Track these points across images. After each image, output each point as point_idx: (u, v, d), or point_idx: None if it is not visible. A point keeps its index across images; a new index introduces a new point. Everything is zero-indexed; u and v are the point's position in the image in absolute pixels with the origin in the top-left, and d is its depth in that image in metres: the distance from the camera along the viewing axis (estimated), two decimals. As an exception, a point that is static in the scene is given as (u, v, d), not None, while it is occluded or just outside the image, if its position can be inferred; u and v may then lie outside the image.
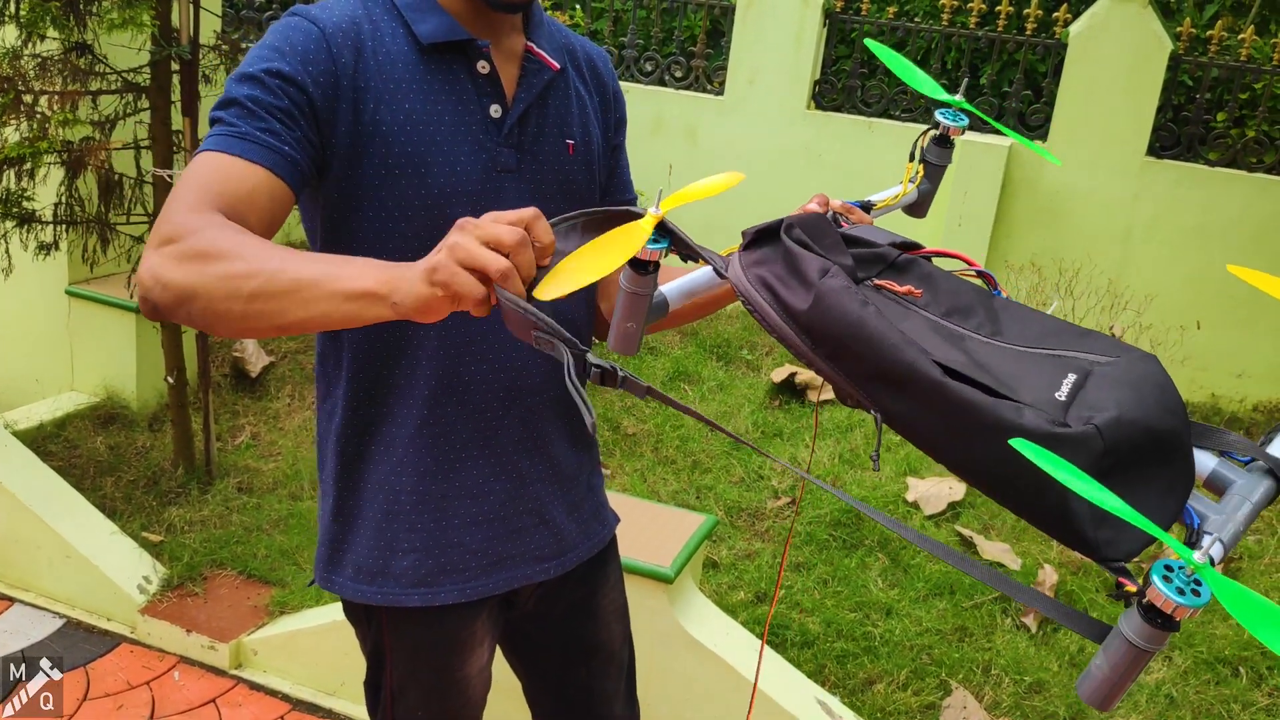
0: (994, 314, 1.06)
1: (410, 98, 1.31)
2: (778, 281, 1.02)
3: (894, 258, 1.11)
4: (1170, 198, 4.57)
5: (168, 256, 1.08)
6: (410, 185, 1.31)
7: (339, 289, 1.02)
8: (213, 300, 1.06)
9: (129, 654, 2.96)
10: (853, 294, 0.98)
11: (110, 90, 3.33)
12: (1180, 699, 2.93)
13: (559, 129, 1.44)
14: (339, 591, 1.49)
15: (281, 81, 1.23)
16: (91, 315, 3.97)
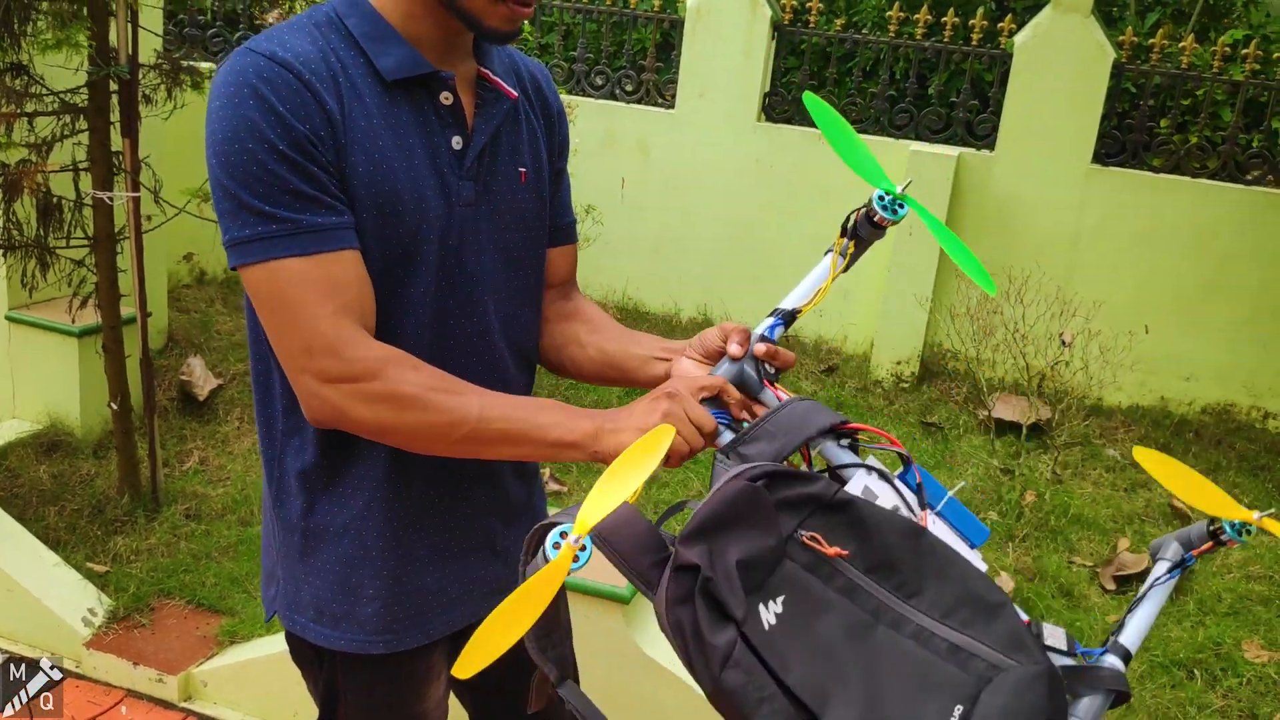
0: (919, 565, 1.07)
1: (383, 135, 1.25)
2: (692, 638, 0.99)
3: (829, 496, 1.08)
4: (1116, 204, 4.62)
5: (352, 395, 1.20)
6: (389, 225, 1.26)
7: (545, 438, 1.21)
8: (415, 438, 1.24)
9: (74, 689, 2.88)
10: (744, 696, 0.96)
11: (47, 112, 3.26)
12: (1137, 703, 2.94)
13: (512, 158, 1.39)
14: (300, 633, 1.44)
15: (299, 150, 1.18)
16: (32, 341, 3.88)
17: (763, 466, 1.06)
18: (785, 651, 0.98)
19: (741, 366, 1.29)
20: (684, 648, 0.98)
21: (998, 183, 4.73)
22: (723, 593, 0.98)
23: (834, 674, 1.00)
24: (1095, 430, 4.54)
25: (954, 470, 4.10)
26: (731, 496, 1.02)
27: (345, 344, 1.19)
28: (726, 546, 1.00)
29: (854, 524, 1.07)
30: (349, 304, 1.20)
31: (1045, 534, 3.74)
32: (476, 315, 1.36)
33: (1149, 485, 4.16)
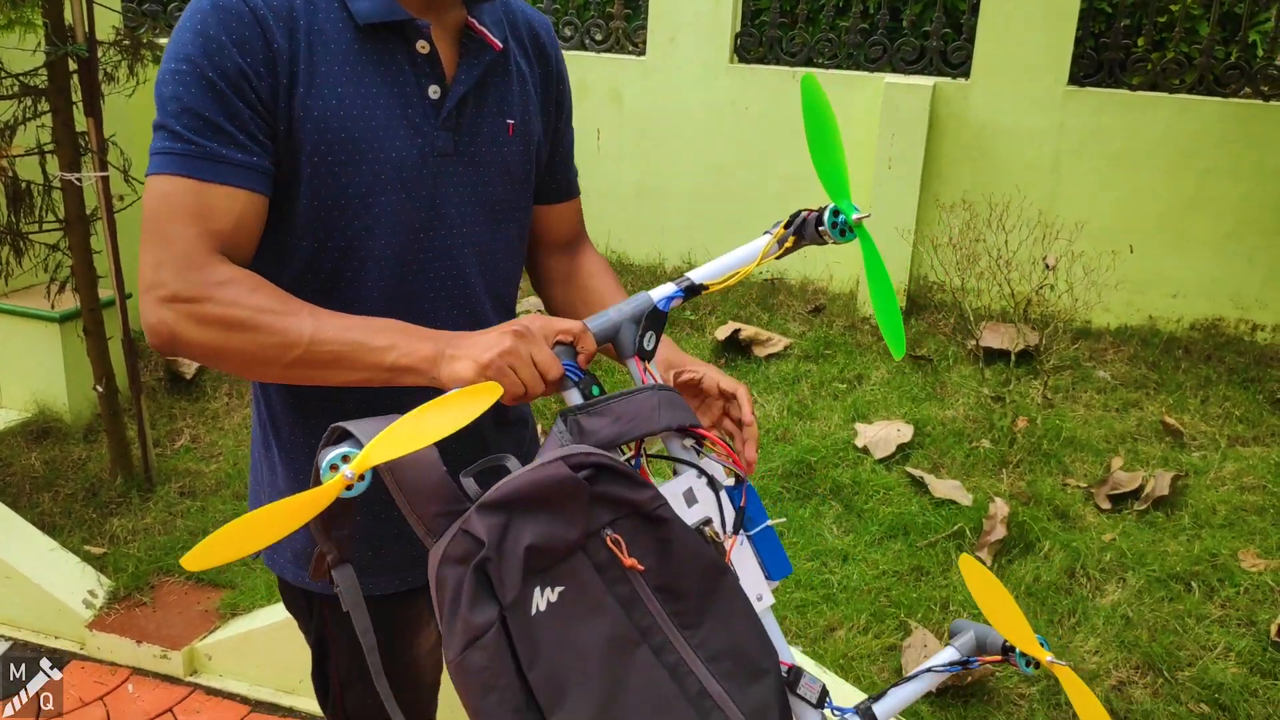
0: (706, 602, 1.08)
1: (343, 81, 1.24)
2: (449, 603, 0.99)
3: (649, 509, 1.07)
4: (1095, 125, 4.59)
5: (185, 316, 1.15)
6: (343, 171, 1.25)
7: (381, 362, 1.14)
8: (246, 363, 1.17)
9: (80, 670, 2.90)
10: (479, 680, 0.97)
11: (7, 95, 3.22)
12: (1136, 618, 2.97)
13: (499, 109, 1.37)
14: (279, 572, 1.49)
15: (228, 80, 1.18)
16: (13, 329, 3.86)
17: (596, 456, 1.05)
18: (540, 642, 0.99)
19: (622, 324, 1.22)
20: (440, 607, 0.99)
21: (975, 110, 4.69)
22: (498, 574, 0.98)
23: (579, 679, 1.00)
24: (1085, 353, 4.54)
25: (944, 401, 4.11)
26: (548, 481, 1.01)
27: (191, 265, 1.16)
28: (524, 526, 1.00)
29: (662, 541, 1.07)
30: (217, 233, 1.18)
31: (1038, 458, 3.75)
32: (453, 264, 1.35)
33: (1140, 404, 4.17)
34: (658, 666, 1.04)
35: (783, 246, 1.29)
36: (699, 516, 1.16)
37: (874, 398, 4.16)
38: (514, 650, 0.98)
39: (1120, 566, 3.19)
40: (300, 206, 1.26)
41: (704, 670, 1.06)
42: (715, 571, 1.09)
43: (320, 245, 1.29)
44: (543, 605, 1.00)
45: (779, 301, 4.97)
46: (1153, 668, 2.80)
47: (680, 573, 1.07)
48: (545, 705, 0.97)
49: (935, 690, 2.65)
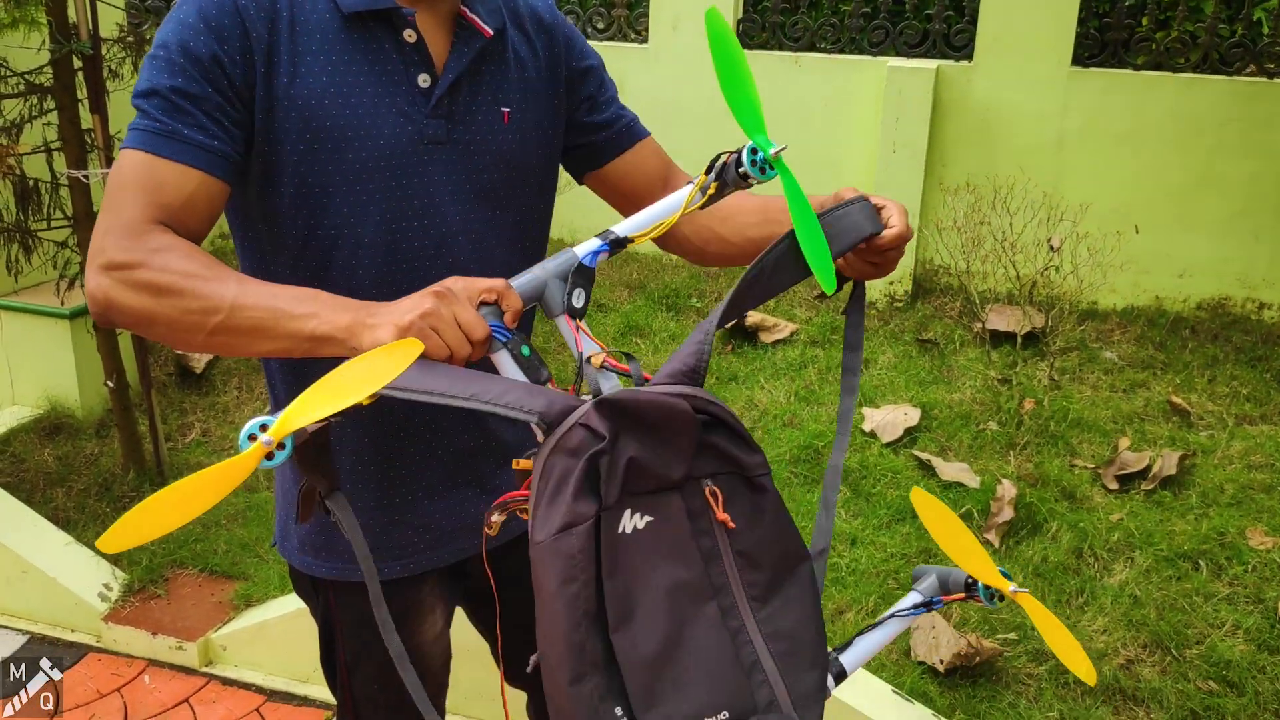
0: (782, 581, 1.08)
1: (328, 69, 1.26)
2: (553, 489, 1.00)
3: (755, 474, 1.08)
4: (1099, 105, 4.58)
5: (119, 282, 1.15)
6: (330, 159, 1.27)
7: (300, 329, 1.12)
8: (173, 330, 1.16)
9: (97, 662, 2.93)
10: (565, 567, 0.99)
11: (13, 94, 3.24)
12: (1144, 597, 2.98)
13: (493, 97, 1.38)
14: (288, 559, 1.52)
15: (198, 66, 1.20)
16: (24, 326, 3.89)
17: (719, 408, 1.06)
18: (620, 561, 1.00)
19: (548, 281, 1.20)
20: (539, 493, 1.00)
21: (978, 92, 4.69)
22: (608, 472, 0.99)
23: (648, 610, 1.01)
24: (1091, 334, 4.54)
25: (951, 384, 4.11)
26: (669, 409, 1.02)
27: (131, 233, 1.17)
28: (632, 440, 1.01)
29: (756, 509, 1.07)
30: (165, 206, 1.19)
31: (1045, 439, 3.76)
32: (447, 252, 1.36)
33: (1148, 385, 4.17)
34: (721, 627, 1.05)
35: (706, 194, 1.26)
36: None
37: (881, 382, 4.17)
38: (598, 556, 0.99)
39: (1128, 546, 3.20)
40: (285, 193, 1.28)
41: (762, 644, 1.06)
42: (797, 555, 1.10)
43: (309, 232, 1.30)
44: (629, 529, 1.01)
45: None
46: (1160, 646, 2.81)
47: (764, 544, 1.07)
48: (612, 621, 0.99)
49: (944, 671, 2.67)
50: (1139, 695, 2.67)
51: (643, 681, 0.99)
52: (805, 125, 4.97)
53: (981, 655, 2.68)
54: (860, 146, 4.87)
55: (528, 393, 1.03)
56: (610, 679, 0.99)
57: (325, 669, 1.58)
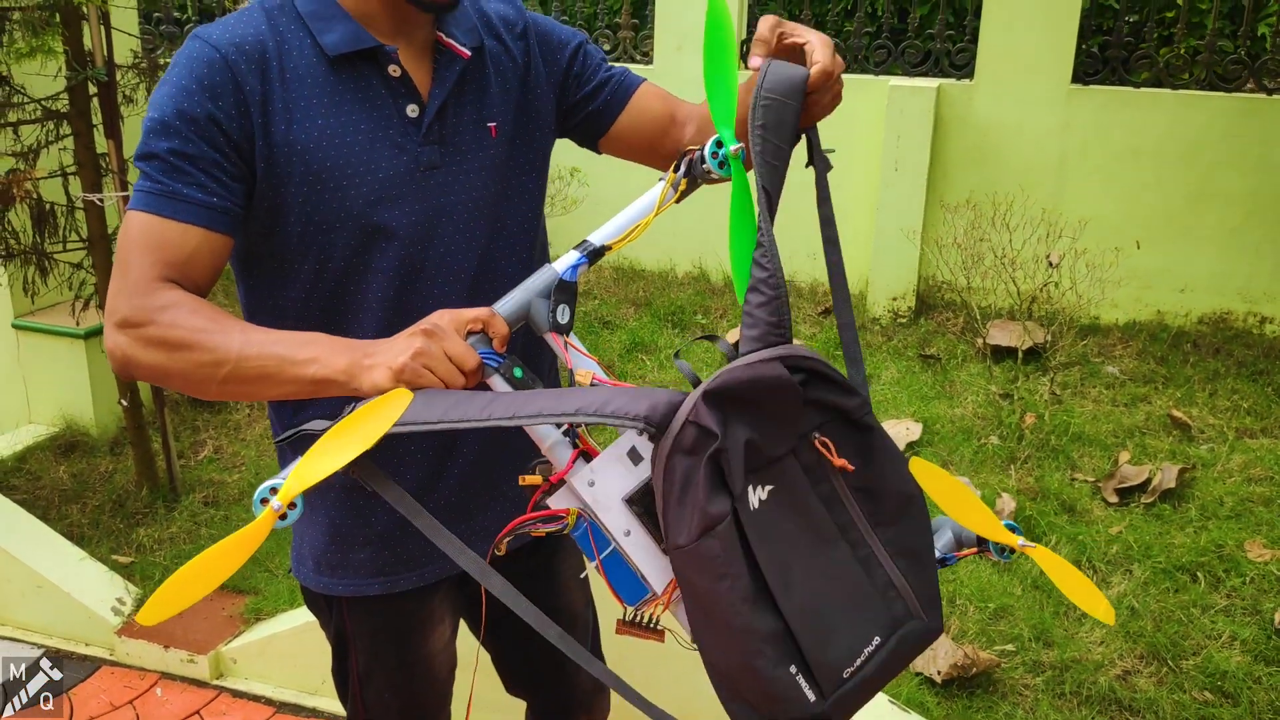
0: (899, 506, 1.15)
1: (322, 112, 1.31)
2: (680, 491, 1.03)
3: (858, 414, 1.13)
4: (1099, 122, 4.63)
5: (134, 340, 1.22)
6: (334, 197, 1.32)
7: (303, 375, 1.18)
8: (187, 382, 1.23)
9: (110, 675, 2.99)
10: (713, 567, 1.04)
11: (30, 120, 3.32)
12: (1142, 609, 3.01)
13: (478, 114, 1.43)
14: (303, 581, 1.56)
15: (194, 126, 1.25)
16: (41, 346, 3.97)
17: (811, 360, 1.10)
18: (762, 534, 1.05)
19: (532, 301, 1.23)
20: (666, 497, 1.03)
21: (979, 111, 4.74)
22: (729, 466, 1.03)
23: (795, 570, 1.07)
24: (1093, 349, 4.58)
25: (953, 399, 4.15)
26: (767, 381, 1.06)
27: (140, 292, 1.23)
28: (742, 421, 1.04)
29: (864, 448, 1.13)
30: (170, 264, 1.25)
31: (1046, 453, 3.79)
32: (454, 270, 1.41)
33: (1149, 399, 4.20)
34: (853, 561, 1.12)
35: (678, 190, 1.27)
36: (644, 477, 1.13)
37: (884, 397, 4.21)
38: (745, 540, 1.04)
39: (1126, 558, 3.23)
40: (293, 231, 1.33)
41: (890, 564, 1.14)
42: (912, 484, 1.16)
43: (321, 265, 1.36)
44: (755, 504, 1.06)
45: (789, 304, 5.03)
46: (1157, 657, 2.84)
47: (880, 476, 1.14)
48: (776, 589, 1.05)
49: (940, 682, 2.70)
50: (1135, 705, 2.70)
51: (811, 635, 1.07)
52: (808, 144, 5.03)
53: (978, 666, 2.72)
54: (863, 164, 4.93)
55: (630, 399, 1.05)
56: (777, 646, 1.05)
57: (337, 680, 1.63)
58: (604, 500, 1.12)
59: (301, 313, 1.38)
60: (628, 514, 1.12)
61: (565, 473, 1.13)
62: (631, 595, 1.15)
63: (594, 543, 1.14)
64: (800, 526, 1.09)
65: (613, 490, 1.12)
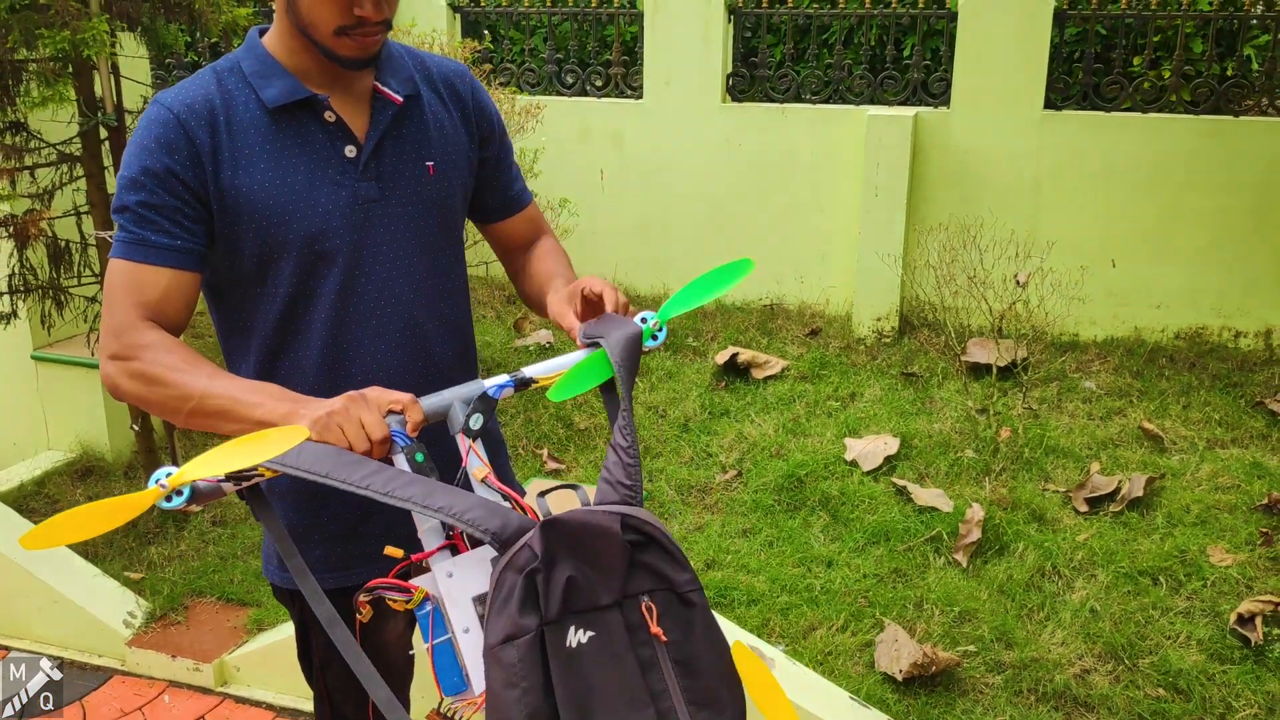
0: (719, 689, 1.22)
1: (264, 158, 1.50)
2: (501, 602, 1.16)
3: (684, 590, 1.22)
4: (1071, 146, 4.79)
5: (120, 371, 1.44)
6: (279, 230, 1.51)
7: (250, 415, 1.36)
8: (162, 410, 1.44)
9: (121, 684, 3.16)
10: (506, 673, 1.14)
11: (46, 163, 3.54)
12: (1103, 610, 3.14)
13: (416, 153, 1.60)
14: (269, 577, 1.73)
15: (156, 179, 1.46)
16: (58, 376, 4.18)
17: (653, 527, 1.21)
18: (572, 672, 1.16)
19: (454, 403, 1.39)
20: (491, 604, 1.17)
21: (955, 137, 4.91)
22: (544, 588, 1.16)
23: (594, 714, 1.16)
24: (1071, 365, 4.72)
25: (932, 415, 4.30)
26: (597, 529, 1.19)
27: (126, 330, 1.44)
28: (570, 559, 1.18)
29: (689, 622, 1.22)
30: (147, 303, 1.46)
31: (1020, 465, 3.93)
32: (391, 295, 1.59)
33: (1124, 412, 4.34)
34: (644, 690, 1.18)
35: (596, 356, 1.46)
36: None
37: (865, 414, 4.36)
38: (546, 664, 1.14)
39: (1091, 564, 3.36)
40: (249, 261, 1.53)
41: None
42: (731, 672, 1.25)
43: (273, 290, 1.55)
44: (574, 643, 1.16)
45: (778, 325, 5.19)
46: (1115, 656, 2.97)
47: (698, 654, 1.21)
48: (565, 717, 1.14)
49: (902, 680, 2.84)
50: (1090, 702, 2.82)
51: None
52: (792, 171, 5.22)
53: (938, 665, 2.85)
54: (844, 190, 5.10)
55: (488, 513, 1.20)
56: None
57: (302, 664, 1.79)
58: (456, 594, 1.26)
59: (261, 331, 1.57)
60: (472, 612, 1.25)
61: (425, 557, 1.30)
62: (451, 687, 1.26)
63: (433, 627, 1.27)
64: (611, 679, 1.16)
65: (468, 587, 1.26)
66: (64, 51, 3.25)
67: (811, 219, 5.25)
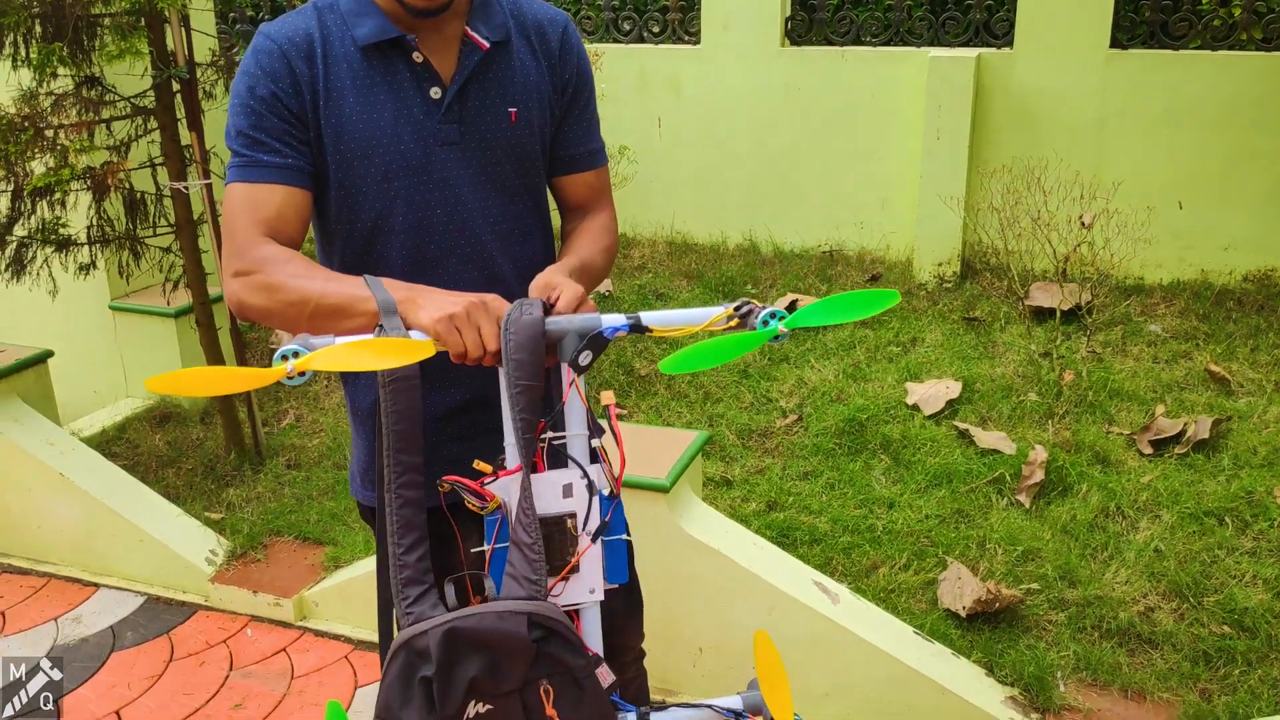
0: None
1: (354, 93, 1.57)
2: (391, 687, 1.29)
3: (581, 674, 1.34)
4: (1137, 86, 4.70)
5: (244, 286, 1.51)
6: (361, 166, 1.58)
7: (368, 309, 1.42)
8: (283, 319, 1.49)
9: (205, 619, 3.29)
10: None
11: (121, 116, 3.63)
12: (1167, 550, 3.14)
13: (500, 100, 1.64)
14: (354, 495, 1.84)
15: (263, 104, 1.55)
16: (135, 326, 4.31)
17: (556, 621, 1.30)
18: None
19: (570, 333, 1.37)
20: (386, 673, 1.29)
21: (1019, 78, 4.84)
22: (441, 694, 1.26)
23: None
24: (1136, 308, 4.67)
25: (994, 359, 4.29)
26: (506, 636, 1.27)
27: (248, 247, 1.52)
28: (474, 658, 1.27)
29: (579, 702, 1.33)
30: (264, 221, 1.53)
31: (1084, 409, 3.92)
32: (469, 234, 1.65)
33: (1189, 355, 4.29)
34: None
35: (727, 324, 1.41)
36: (566, 509, 1.38)
37: (927, 359, 4.36)
38: None
39: (1155, 505, 3.36)
40: (331, 194, 1.61)
41: None
42: None
43: (351, 223, 1.63)
44: (472, 713, 1.28)
45: (837, 272, 5.19)
46: (1179, 594, 2.98)
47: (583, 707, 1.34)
48: None
49: (965, 616, 2.88)
50: (1154, 638, 2.84)
51: None
52: (852, 116, 5.18)
53: (1001, 602, 2.88)
54: (905, 135, 5.06)
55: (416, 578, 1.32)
56: None
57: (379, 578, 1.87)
58: None
59: (342, 266, 1.65)
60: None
61: (511, 474, 1.37)
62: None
63: (497, 533, 1.37)
64: None
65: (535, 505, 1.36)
66: (138, 5, 3.32)
67: (871, 164, 5.21)
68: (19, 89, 3.50)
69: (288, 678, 3.01)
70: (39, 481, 3.50)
